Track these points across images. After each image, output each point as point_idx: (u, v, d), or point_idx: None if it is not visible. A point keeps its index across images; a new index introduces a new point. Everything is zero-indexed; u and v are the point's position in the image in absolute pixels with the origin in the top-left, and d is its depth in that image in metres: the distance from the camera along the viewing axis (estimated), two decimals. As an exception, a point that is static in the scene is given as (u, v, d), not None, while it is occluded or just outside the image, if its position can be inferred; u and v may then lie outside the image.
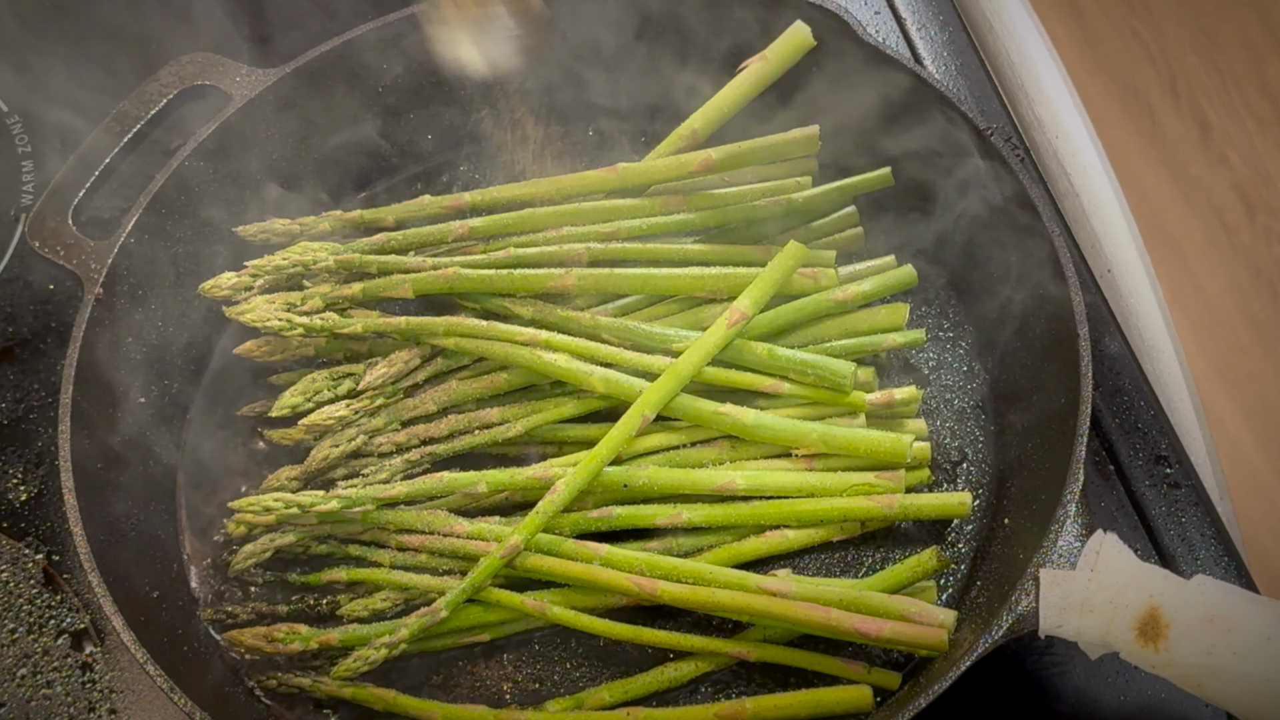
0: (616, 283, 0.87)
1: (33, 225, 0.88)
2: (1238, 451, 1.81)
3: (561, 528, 0.81)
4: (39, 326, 0.96)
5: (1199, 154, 2.05)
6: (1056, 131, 1.00)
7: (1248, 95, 2.07)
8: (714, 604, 0.77)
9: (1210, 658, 0.67)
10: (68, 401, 0.80)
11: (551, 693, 0.80)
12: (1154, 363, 0.92)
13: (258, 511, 0.82)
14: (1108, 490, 0.85)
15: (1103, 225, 0.97)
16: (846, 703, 0.76)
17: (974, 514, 0.83)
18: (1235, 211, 2.01)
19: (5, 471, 0.90)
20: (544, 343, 0.83)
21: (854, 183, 0.91)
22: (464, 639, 0.81)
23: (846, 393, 0.82)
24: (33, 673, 0.82)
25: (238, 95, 0.91)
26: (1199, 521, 0.84)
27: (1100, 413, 0.87)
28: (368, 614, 0.81)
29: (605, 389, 0.82)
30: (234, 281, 0.88)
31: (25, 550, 0.86)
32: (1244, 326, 1.93)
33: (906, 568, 0.78)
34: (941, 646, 0.74)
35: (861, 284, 0.87)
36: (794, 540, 0.81)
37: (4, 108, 1.06)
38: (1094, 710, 0.79)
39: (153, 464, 0.87)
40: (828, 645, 0.79)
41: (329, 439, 0.85)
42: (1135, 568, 0.71)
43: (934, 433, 0.87)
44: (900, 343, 0.87)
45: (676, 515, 0.81)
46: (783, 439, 0.81)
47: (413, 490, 0.82)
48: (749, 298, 0.81)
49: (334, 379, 0.86)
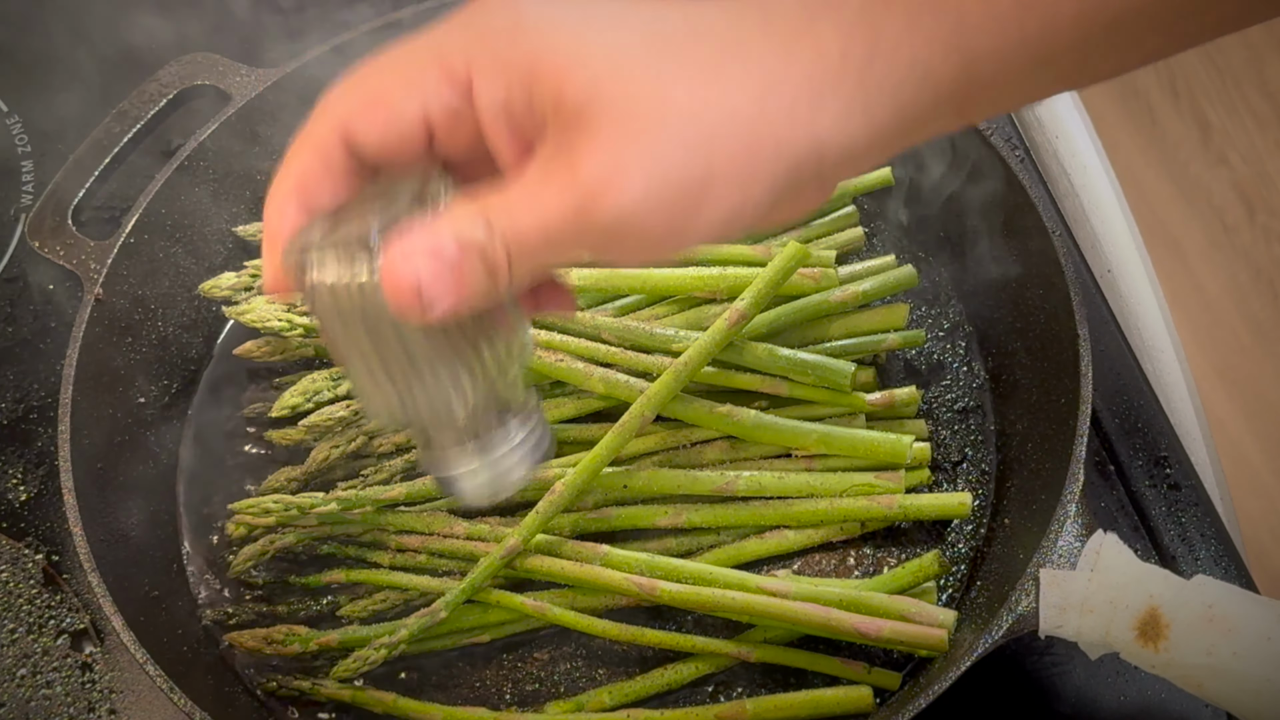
0: (616, 283, 0.87)
1: (33, 225, 0.87)
2: (1238, 451, 1.81)
3: (561, 528, 0.81)
4: (39, 326, 0.96)
5: (1199, 154, 2.05)
6: (1056, 131, 1.00)
7: (1248, 95, 2.07)
8: (714, 604, 0.77)
9: (1210, 658, 0.67)
10: (67, 401, 0.80)
11: (551, 693, 0.80)
12: (1154, 363, 0.92)
13: (257, 513, 0.82)
14: (1108, 490, 0.85)
15: (1103, 225, 0.97)
16: (847, 703, 0.76)
17: (974, 514, 0.83)
18: (1235, 211, 2.01)
19: (5, 471, 0.90)
20: (544, 343, 0.83)
21: (854, 183, 0.91)
22: (463, 640, 0.81)
23: (846, 393, 0.82)
24: (32, 673, 0.82)
25: (238, 95, 0.91)
26: (1199, 521, 0.84)
27: (1100, 413, 0.87)
28: (367, 615, 0.81)
29: (605, 389, 0.82)
30: (234, 281, 0.88)
31: (25, 550, 0.86)
32: (1244, 326, 1.93)
33: (907, 571, 0.78)
34: (941, 647, 0.74)
35: (861, 284, 0.87)
36: (794, 541, 0.81)
37: (4, 108, 1.06)
38: (1094, 710, 0.79)
39: (153, 464, 0.87)
40: (828, 646, 0.79)
41: (329, 440, 0.85)
42: (1135, 568, 0.71)
43: (934, 433, 0.87)
44: (900, 343, 0.87)
45: (676, 515, 0.81)
46: (782, 439, 0.81)
47: (412, 491, 0.82)
48: (749, 298, 0.81)
49: (334, 379, 0.86)
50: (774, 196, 0.48)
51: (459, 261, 0.47)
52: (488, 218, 0.47)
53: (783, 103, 0.46)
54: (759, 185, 0.47)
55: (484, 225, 0.47)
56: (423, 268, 0.47)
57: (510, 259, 0.47)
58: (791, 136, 0.46)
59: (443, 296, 0.47)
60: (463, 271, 0.47)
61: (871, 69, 0.46)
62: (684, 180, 0.46)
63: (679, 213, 0.47)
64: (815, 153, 0.47)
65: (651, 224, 0.46)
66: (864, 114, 0.47)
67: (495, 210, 0.47)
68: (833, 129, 0.46)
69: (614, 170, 0.45)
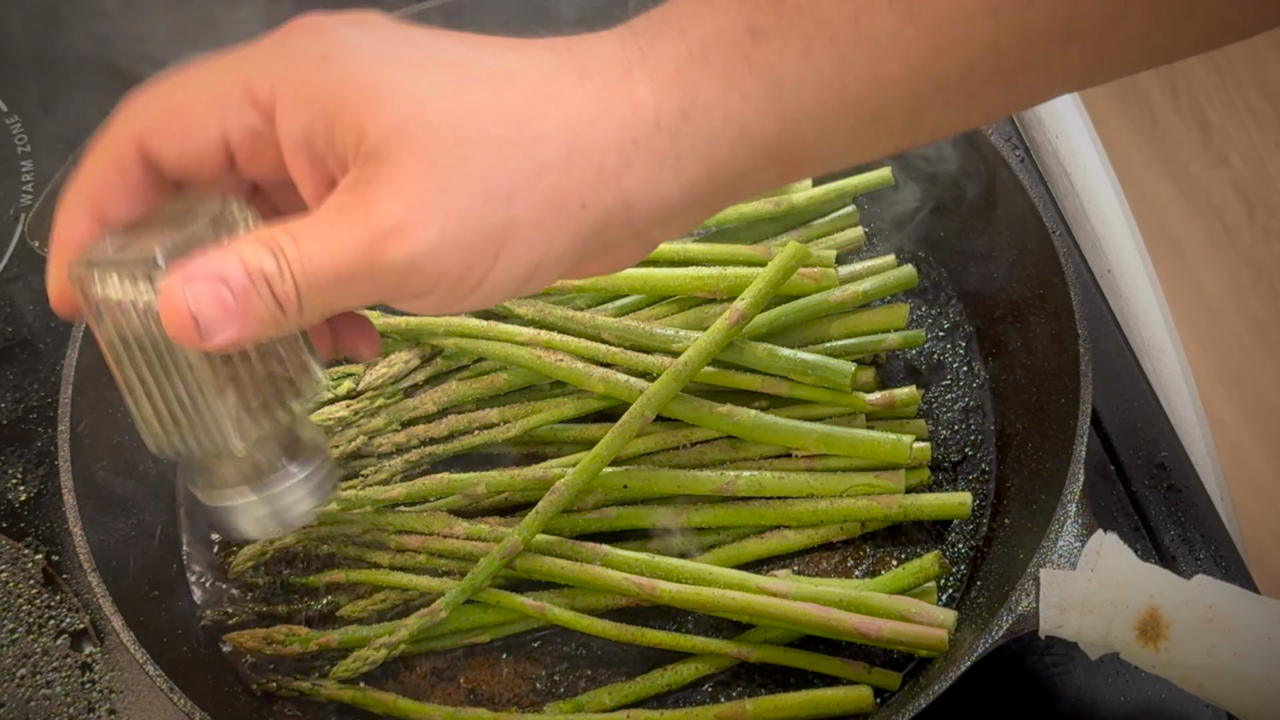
0: (616, 283, 0.87)
1: (33, 225, 0.88)
2: (1238, 451, 1.81)
3: (561, 528, 0.81)
4: (39, 326, 0.95)
5: (1199, 154, 2.05)
6: (1056, 131, 1.00)
7: (1248, 95, 2.07)
8: (714, 604, 0.77)
9: (1210, 658, 0.67)
10: (67, 401, 0.80)
11: (551, 693, 0.80)
12: (1154, 363, 0.92)
13: (257, 512, 0.82)
14: (1108, 490, 0.85)
15: (1103, 225, 0.97)
16: (847, 703, 0.76)
17: (974, 514, 0.83)
18: (1235, 211, 2.01)
19: (5, 471, 0.90)
20: (544, 343, 0.83)
21: (854, 183, 0.91)
22: (463, 640, 0.81)
23: (846, 393, 0.82)
24: (32, 673, 0.82)
25: (237, 95, 0.91)
26: (1199, 521, 0.84)
27: (1100, 413, 0.87)
28: (367, 615, 0.81)
29: (605, 389, 0.82)
30: (234, 282, 0.88)
31: (25, 550, 0.86)
32: (1244, 326, 1.93)
33: (908, 573, 0.78)
34: (941, 646, 0.74)
35: (861, 284, 0.87)
36: (794, 541, 0.81)
37: (4, 108, 1.06)
38: (1094, 710, 0.79)
39: (153, 464, 0.87)
40: (828, 646, 0.79)
41: (328, 440, 0.85)
42: (1135, 568, 0.71)
43: (934, 433, 0.87)
44: (900, 343, 0.87)
45: (676, 515, 0.81)
46: (782, 439, 0.81)
47: (412, 491, 0.82)
48: (749, 298, 0.81)
49: (333, 379, 0.86)
50: (579, 252, 0.47)
51: (245, 291, 0.45)
52: (280, 249, 0.45)
53: (590, 160, 0.45)
54: (561, 240, 0.46)
55: (274, 257, 0.45)
56: (203, 293, 0.45)
57: (300, 294, 0.46)
58: (597, 195, 0.45)
59: (223, 325, 0.46)
60: (249, 302, 0.45)
61: (686, 127, 0.45)
62: (481, 229, 0.45)
63: (475, 262, 0.45)
64: (624, 211, 0.46)
65: (445, 271, 0.45)
66: (675, 172, 0.46)
67: (288, 242, 0.46)
68: (642, 188, 0.46)
69: (409, 213, 0.44)
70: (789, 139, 0.46)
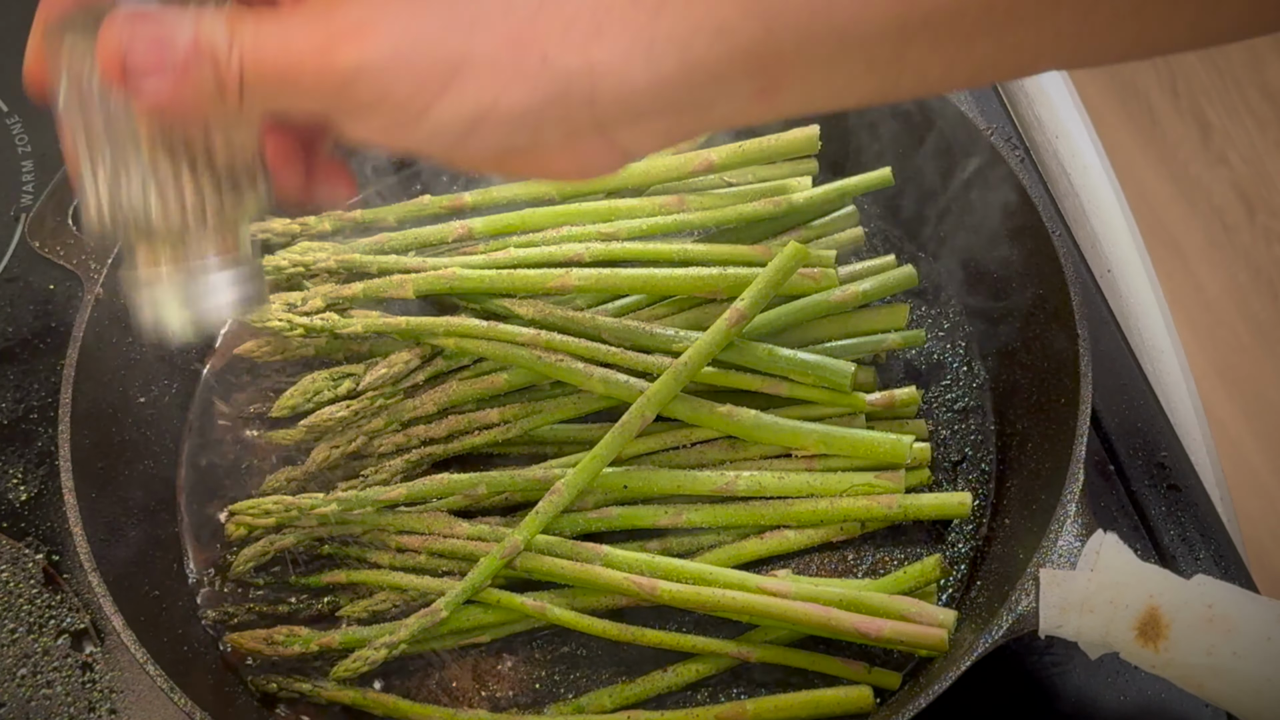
0: (616, 283, 0.86)
1: (33, 225, 0.88)
2: (1238, 451, 1.81)
3: (561, 528, 0.81)
4: (39, 326, 0.96)
5: (1199, 154, 2.05)
6: (1056, 131, 1.00)
7: (1248, 95, 2.07)
8: (714, 604, 0.77)
9: (1210, 658, 0.67)
10: (67, 401, 0.80)
11: (552, 693, 0.80)
12: (1154, 363, 0.92)
13: (257, 514, 0.82)
14: (1108, 490, 0.85)
15: (1103, 225, 0.97)
16: (847, 703, 0.76)
17: (974, 514, 0.83)
18: (1235, 211, 2.01)
19: (5, 471, 0.90)
20: (544, 343, 0.83)
21: (854, 183, 0.91)
22: (463, 640, 0.81)
23: (846, 393, 0.82)
24: (33, 673, 0.82)
25: (238, 95, 0.91)
26: (1199, 521, 0.84)
27: (1100, 413, 0.87)
28: (367, 615, 0.81)
29: (605, 389, 0.82)
30: (234, 282, 0.88)
31: (25, 550, 0.86)
32: (1244, 326, 1.93)
33: (908, 576, 0.78)
34: (941, 646, 0.74)
35: (861, 284, 0.87)
36: (794, 541, 0.81)
37: (4, 108, 1.06)
38: (1094, 710, 0.79)
39: (153, 464, 0.87)
40: (828, 646, 0.79)
41: (329, 440, 0.85)
42: (1135, 568, 0.71)
43: (934, 433, 0.87)
44: (900, 343, 0.87)
45: (677, 516, 0.81)
46: (783, 439, 0.81)
47: (412, 492, 0.82)
48: (749, 298, 0.81)
49: (334, 379, 0.86)
50: (534, 121, 0.46)
51: (187, 58, 0.46)
52: (234, 30, 0.46)
53: (561, 13, 0.44)
54: (515, 92, 0.45)
55: (226, 35, 0.46)
56: (142, 36, 0.46)
57: (243, 80, 0.46)
58: (561, 54, 0.44)
59: (150, 74, 0.46)
60: (188, 70, 0.46)
61: (664, 10, 0.44)
62: (436, 52, 0.45)
63: (425, 85, 0.45)
64: (587, 81, 0.45)
65: (392, 87, 0.45)
66: (647, 56, 0.44)
67: (245, 26, 0.46)
68: (609, 61, 0.44)
69: (366, 20, 0.44)
70: (768, 49, 0.45)
